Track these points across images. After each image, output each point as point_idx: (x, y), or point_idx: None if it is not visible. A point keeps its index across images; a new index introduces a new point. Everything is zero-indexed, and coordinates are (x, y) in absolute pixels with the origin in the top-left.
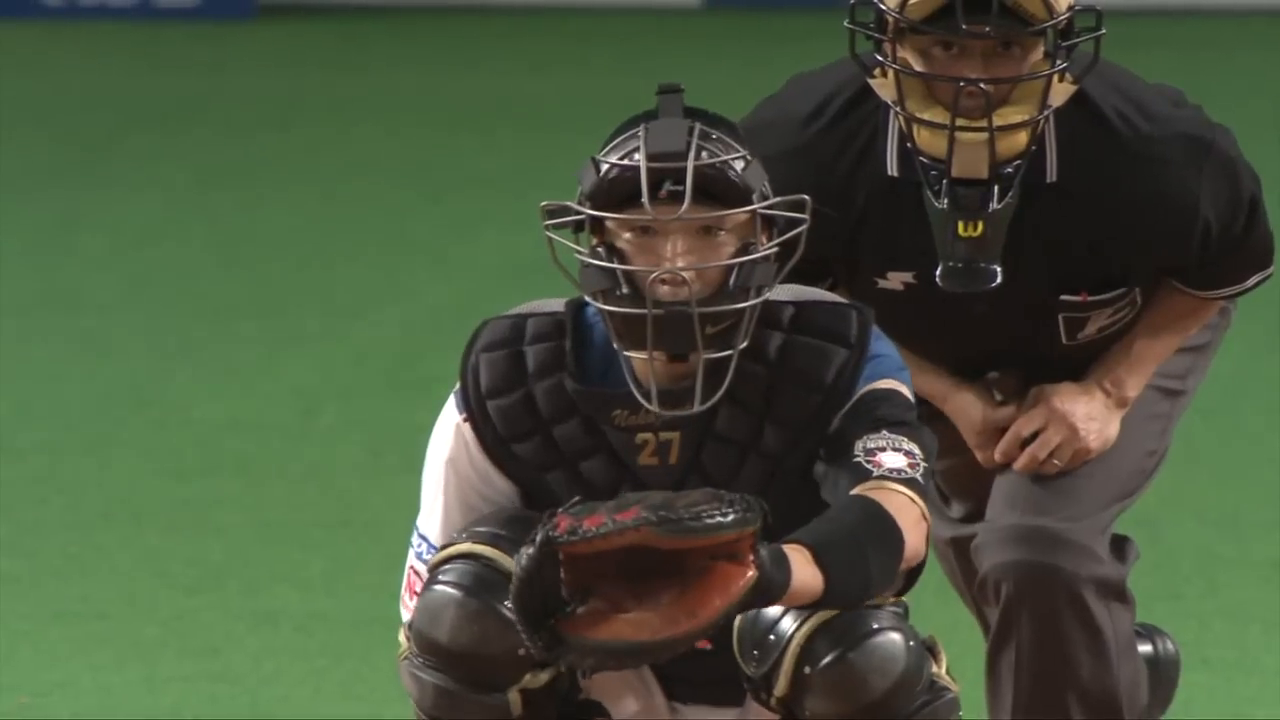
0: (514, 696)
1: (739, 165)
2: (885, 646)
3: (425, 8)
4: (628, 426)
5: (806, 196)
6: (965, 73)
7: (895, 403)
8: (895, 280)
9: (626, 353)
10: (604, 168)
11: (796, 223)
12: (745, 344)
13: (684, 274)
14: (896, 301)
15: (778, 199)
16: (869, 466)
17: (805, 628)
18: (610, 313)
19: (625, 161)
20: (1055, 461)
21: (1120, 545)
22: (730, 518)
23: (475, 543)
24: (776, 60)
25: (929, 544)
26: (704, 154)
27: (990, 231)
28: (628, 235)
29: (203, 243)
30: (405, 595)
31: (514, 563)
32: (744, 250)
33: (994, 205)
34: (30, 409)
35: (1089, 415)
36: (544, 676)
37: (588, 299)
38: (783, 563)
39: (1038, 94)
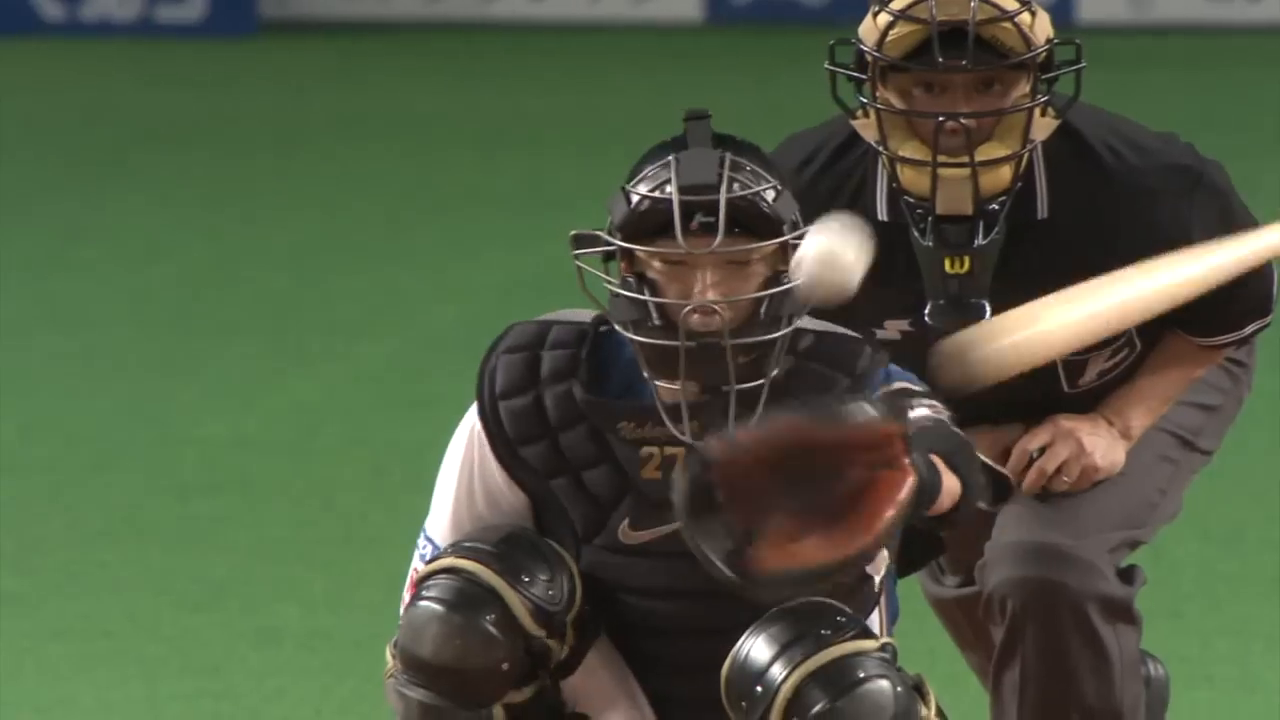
0: (498, 712)
1: (770, 196)
2: (874, 694)
3: (428, 24)
4: (634, 439)
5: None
6: (947, 110)
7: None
8: (892, 329)
9: (658, 382)
10: (635, 199)
11: None
12: (777, 373)
13: (716, 306)
14: (896, 352)
15: (809, 228)
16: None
17: (793, 678)
18: (641, 344)
19: (657, 194)
20: (1064, 478)
21: (1128, 571)
22: (878, 412)
23: (459, 558)
24: (779, 76)
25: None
26: (735, 185)
27: (977, 268)
28: (658, 266)
29: (205, 259)
30: (406, 595)
31: (674, 491)
32: (774, 279)
33: (979, 241)
34: (32, 426)
35: (1094, 433)
36: (528, 691)
37: (618, 329)
38: (931, 465)
39: (1019, 129)
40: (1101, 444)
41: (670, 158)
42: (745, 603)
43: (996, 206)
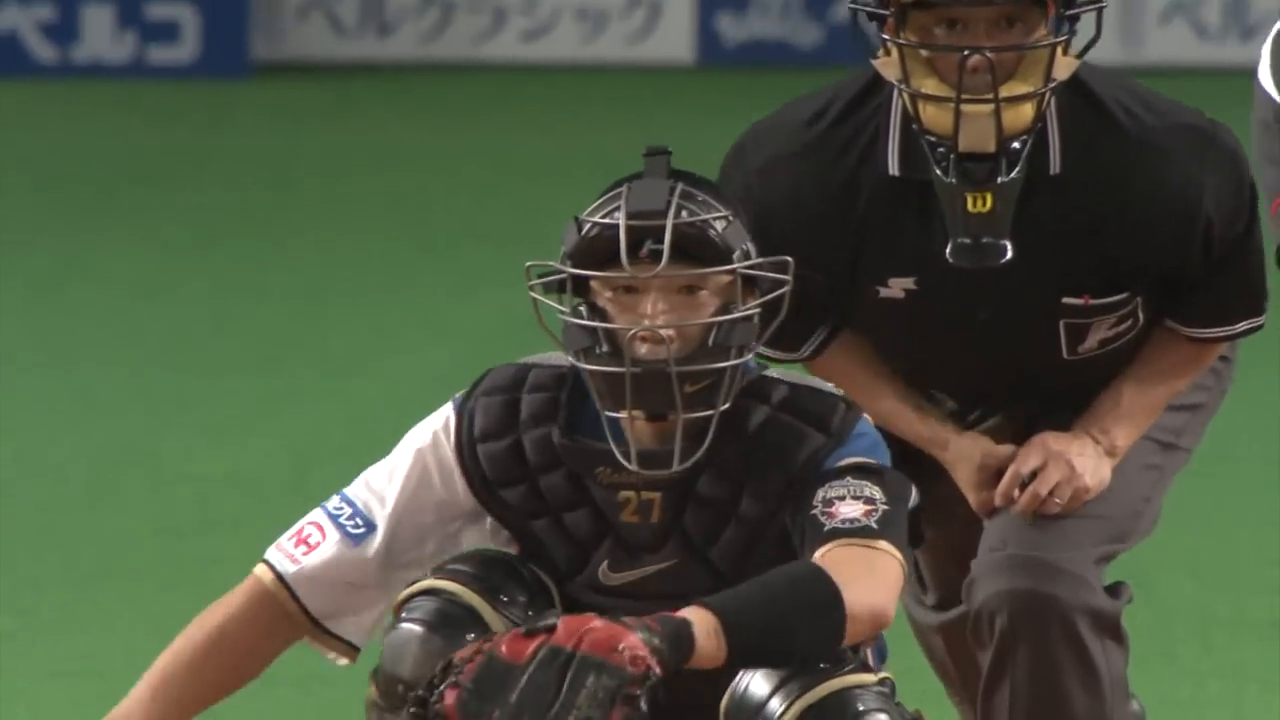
0: None
1: (720, 225)
2: None
3: (421, 66)
4: (610, 484)
5: (790, 258)
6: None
7: (868, 464)
8: (896, 287)
9: (607, 412)
10: (585, 226)
11: (781, 283)
12: (727, 405)
13: (663, 332)
14: (898, 312)
15: (760, 260)
16: (823, 519)
17: (791, 711)
18: (590, 371)
19: (606, 220)
20: (1056, 500)
21: (1114, 586)
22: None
23: (438, 579)
24: (766, 114)
25: (904, 581)
26: (684, 213)
27: (999, 206)
28: (609, 294)
29: (198, 298)
30: (286, 540)
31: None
32: (725, 310)
33: (1002, 178)
34: (24, 465)
35: (1082, 454)
36: None
37: (569, 358)
38: (682, 642)
39: (1041, 68)
40: (1090, 464)
41: (623, 187)
42: None
43: (1018, 145)
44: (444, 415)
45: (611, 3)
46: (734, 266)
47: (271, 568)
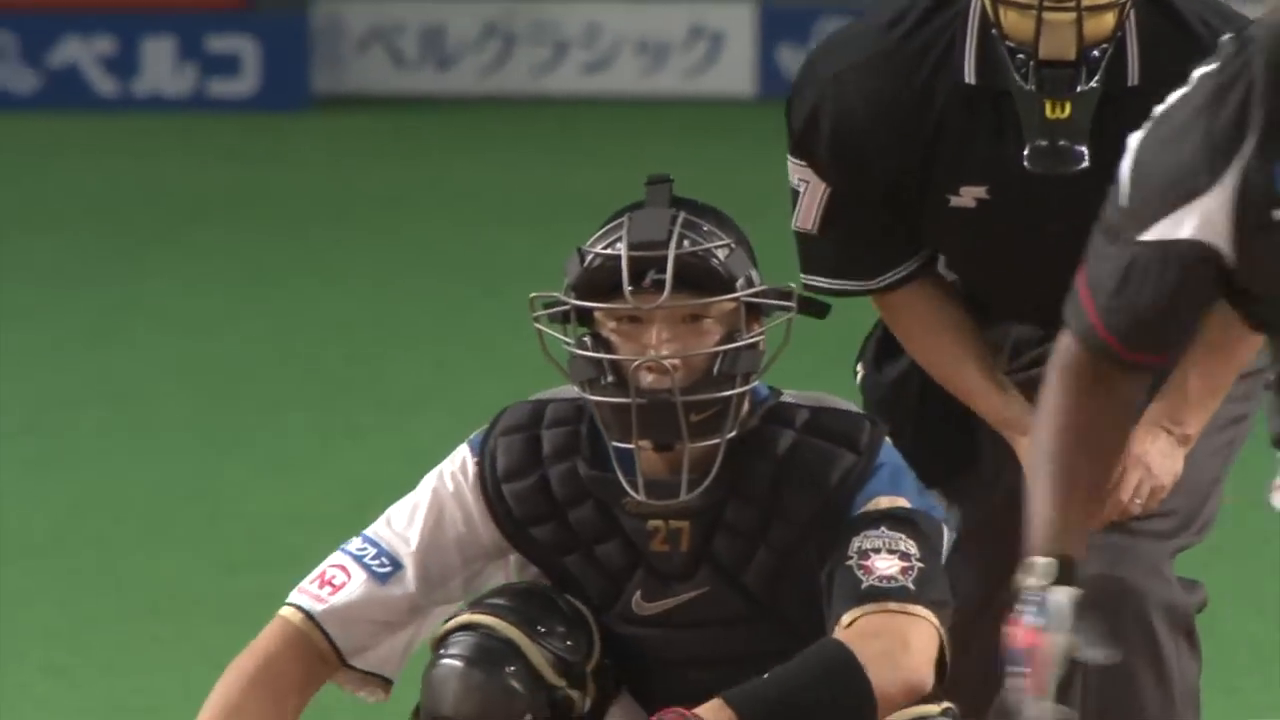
0: None
1: (722, 253)
2: None
3: (481, 99)
4: (638, 513)
5: (794, 286)
6: None
7: (900, 508)
8: (968, 196)
9: (614, 443)
10: (588, 258)
11: (784, 309)
12: (734, 434)
13: (667, 362)
14: (967, 223)
15: (764, 287)
16: (859, 574)
17: None
18: (597, 403)
19: (608, 251)
20: (1137, 501)
21: (1189, 583)
22: None
23: (475, 613)
24: None
25: (945, 648)
26: (686, 242)
27: (1078, 113)
28: (613, 325)
29: (256, 335)
30: (308, 583)
31: None
32: (729, 339)
33: (1082, 87)
34: (81, 501)
35: (1160, 453)
36: None
37: (577, 390)
38: None
39: None
40: (1167, 463)
41: (625, 217)
42: (760, 666)
43: (1098, 54)
44: (460, 457)
45: (672, 35)
46: (737, 295)
47: (298, 608)
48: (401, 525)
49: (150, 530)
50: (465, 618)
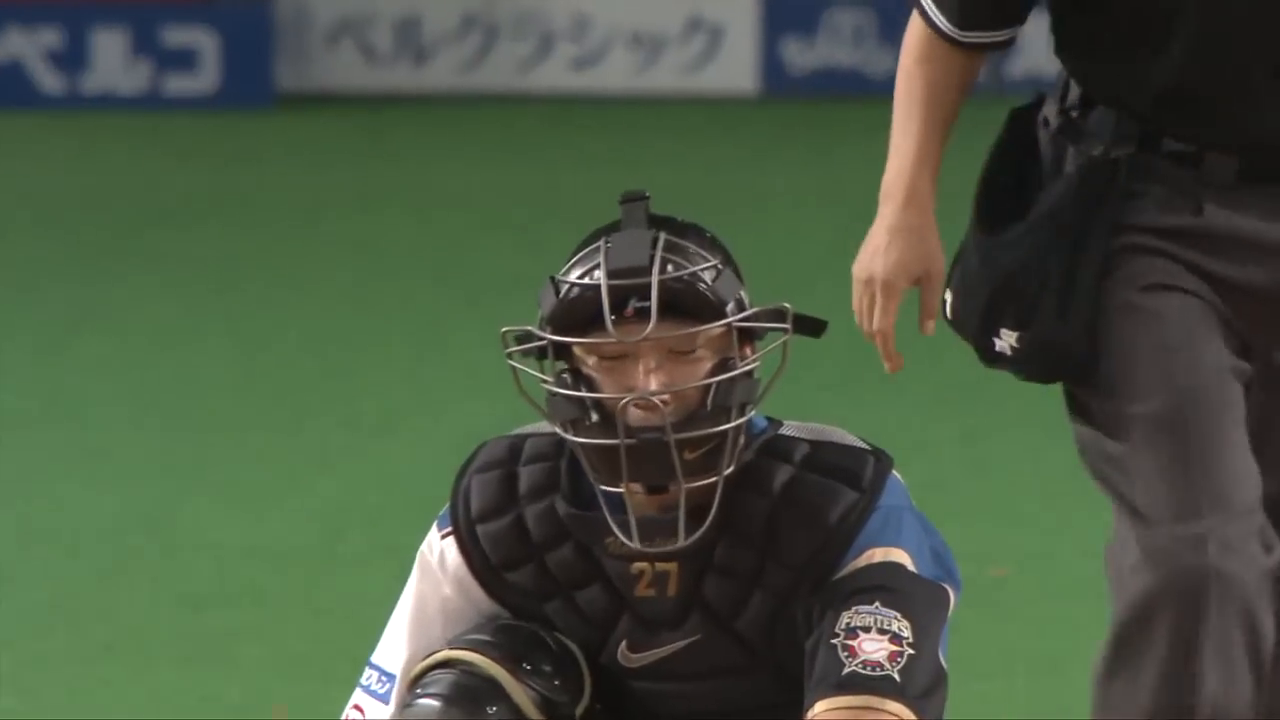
0: None
1: (709, 276)
2: None
3: (461, 96)
4: (621, 555)
5: (788, 305)
6: None
7: (898, 574)
8: None
9: (602, 486)
10: (563, 289)
11: (779, 332)
12: (731, 469)
13: (657, 400)
14: None
15: (756, 309)
16: (842, 657)
17: None
18: (581, 444)
19: (585, 280)
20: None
21: None
22: None
23: (455, 649)
24: (840, 154)
25: None
26: (670, 267)
27: None
28: (594, 360)
29: (218, 351)
30: None
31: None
32: (722, 366)
33: None
34: (30, 532)
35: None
36: None
37: (558, 431)
38: None
39: None
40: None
41: (600, 242)
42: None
43: None
44: (430, 536)
45: (668, 28)
46: (728, 320)
47: None
48: (392, 630)
49: (104, 564)
50: (444, 654)
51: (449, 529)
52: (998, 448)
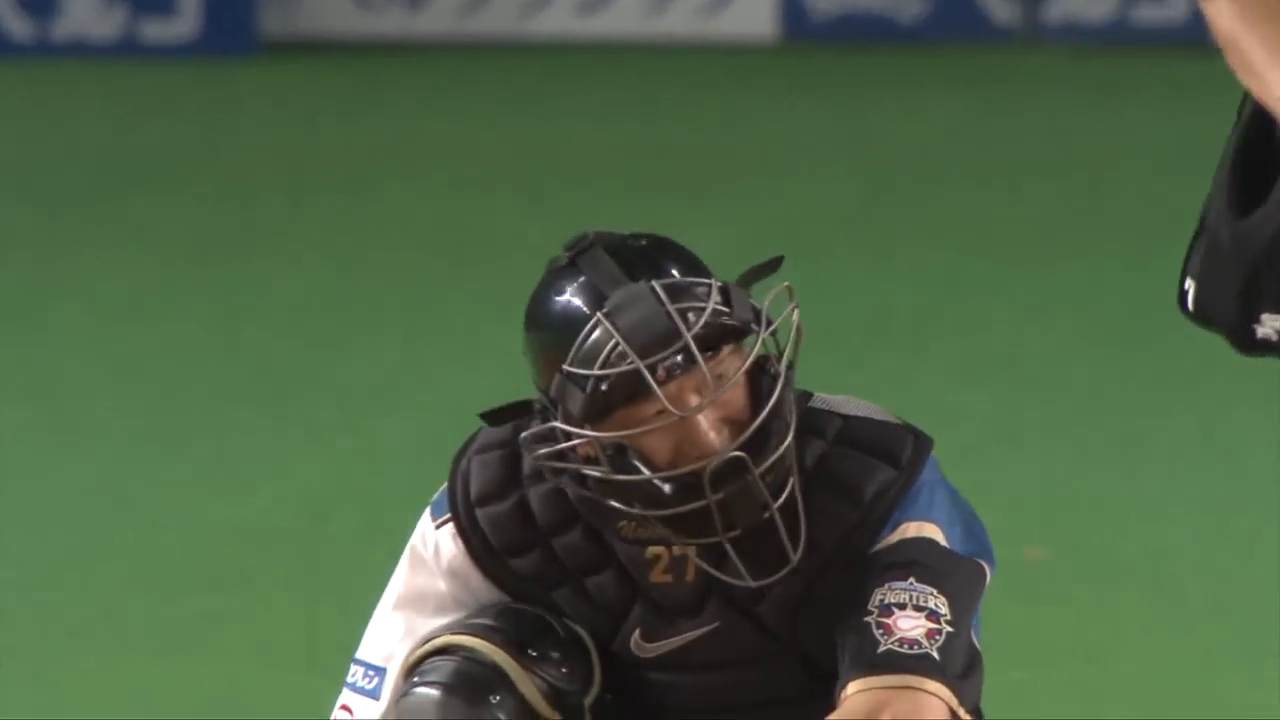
0: None
1: (719, 299)
2: None
3: (458, 43)
4: (635, 539)
5: (789, 284)
6: None
7: (931, 549)
8: None
9: (692, 542)
10: (589, 382)
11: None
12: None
13: (736, 454)
14: None
15: (761, 306)
16: (877, 634)
17: None
18: (666, 517)
19: (617, 369)
20: None
21: None
22: None
23: (456, 634)
24: (864, 103)
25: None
26: (690, 315)
27: None
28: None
29: (198, 320)
30: None
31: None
32: (757, 369)
33: None
34: None
35: None
36: None
37: (619, 508)
38: None
39: None
40: None
41: (598, 318)
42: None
43: None
44: (422, 527)
45: None
46: (762, 334)
47: None
48: (380, 620)
49: (76, 546)
50: (445, 639)
51: (446, 516)
52: (1032, 417)
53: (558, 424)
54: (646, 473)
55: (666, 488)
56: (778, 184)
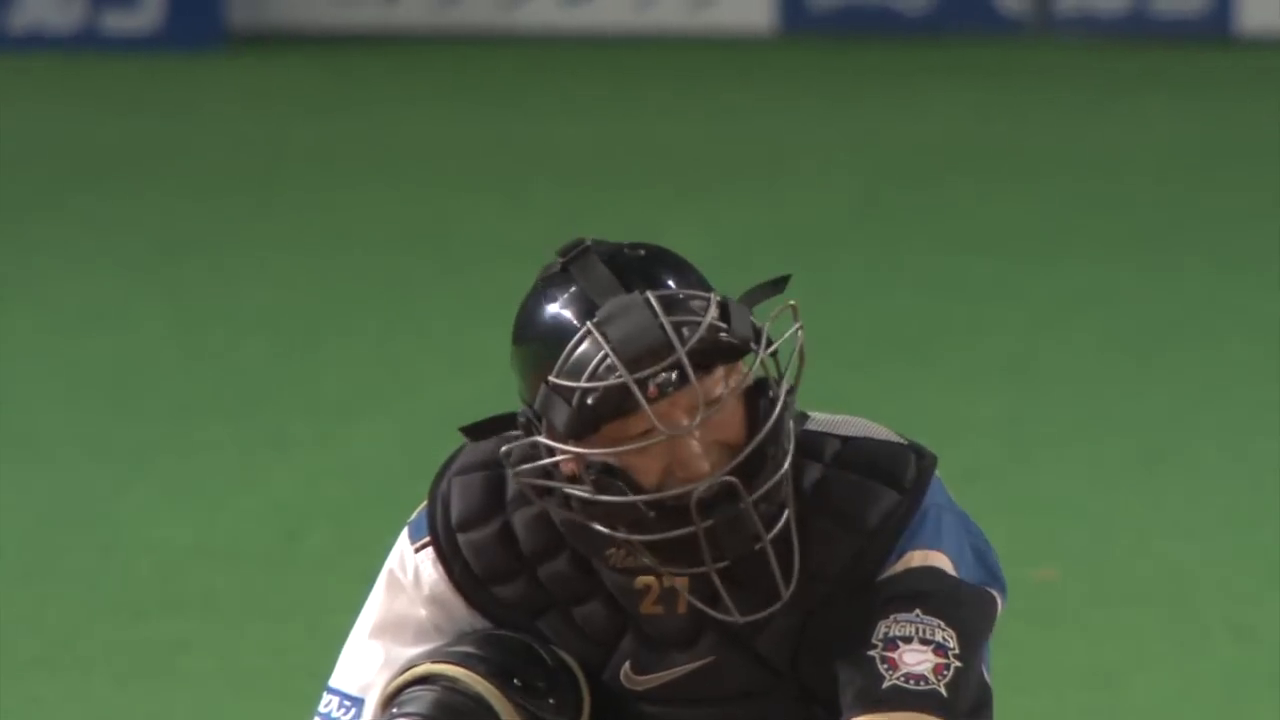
0: None
1: (716, 315)
2: None
3: (437, 36)
4: (624, 568)
5: (794, 303)
6: None
7: (939, 579)
8: None
9: (677, 574)
10: (575, 394)
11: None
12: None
13: (729, 479)
14: None
15: (763, 325)
16: (882, 670)
17: None
18: (646, 543)
19: (605, 382)
20: None
21: None
22: None
23: (437, 663)
24: (866, 98)
25: None
26: (685, 330)
27: None
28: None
29: (160, 325)
30: None
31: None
32: (755, 391)
33: None
34: None
35: None
36: None
37: (608, 534)
38: None
39: None
40: None
41: (588, 327)
42: None
43: None
44: (401, 548)
45: None
46: (761, 354)
47: None
48: (356, 649)
49: (33, 567)
50: (425, 668)
51: (425, 539)
52: (1043, 430)
53: (541, 439)
54: (631, 495)
55: (651, 512)
56: (774, 184)
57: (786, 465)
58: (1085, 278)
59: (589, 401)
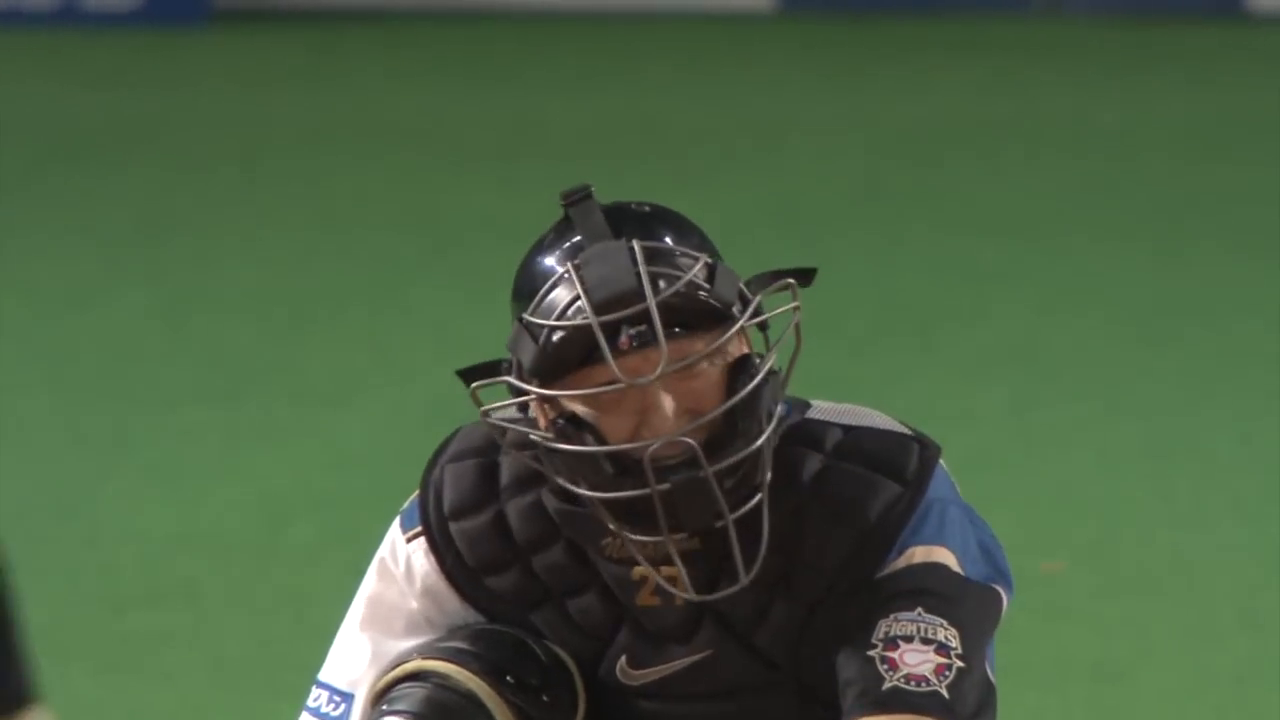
0: None
1: (704, 277)
2: None
3: (425, 11)
4: (621, 559)
5: (792, 280)
6: None
7: (942, 576)
8: None
9: (635, 538)
10: (542, 333)
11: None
12: (769, 475)
13: (689, 440)
14: None
15: (756, 297)
16: (881, 670)
17: None
18: (603, 500)
19: (571, 322)
20: None
21: None
22: None
23: (427, 658)
24: (869, 77)
25: None
26: (662, 282)
27: None
28: (588, 398)
29: (143, 308)
30: None
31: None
32: (738, 367)
33: None
34: None
35: None
36: None
37: (567, 487)
38: None
39: None
40: None
41: (568, 267)
42: None
43: None
44: (392, 538)
45: None
46: (740, 323)
47: None
48: (346, 641)
49: (12, 556)
50: (416, 664)
51: (416, 528)
52: (1051, 419)
53: (510, 378)
54: (590, 444)
55: (609, 467)
56: (774, 164)
57: (760, 443)
58: (1094, 260)
59: (554, 339)
